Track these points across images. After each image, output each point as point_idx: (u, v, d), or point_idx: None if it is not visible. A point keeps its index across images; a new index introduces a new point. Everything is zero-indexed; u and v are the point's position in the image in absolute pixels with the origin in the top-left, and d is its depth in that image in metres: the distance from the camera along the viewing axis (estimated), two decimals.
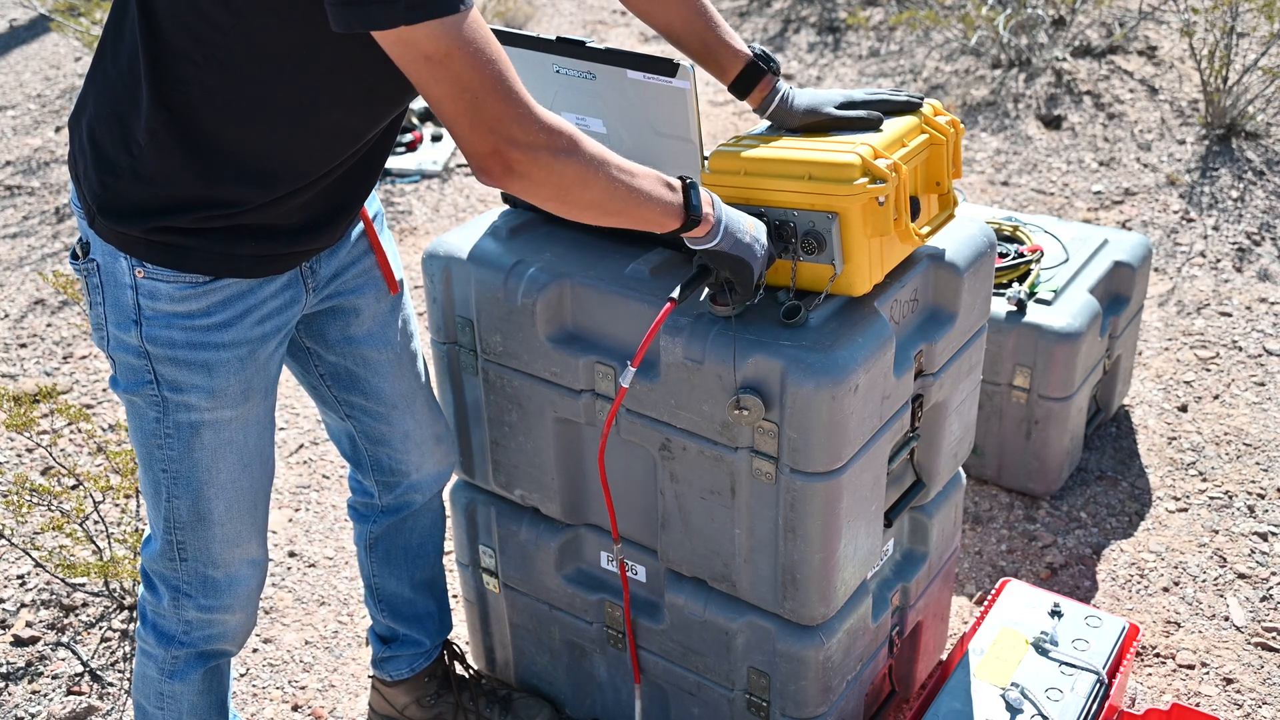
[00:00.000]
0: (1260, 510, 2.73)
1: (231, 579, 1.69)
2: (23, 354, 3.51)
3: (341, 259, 1.71)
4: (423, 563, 2.06)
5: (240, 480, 1.63)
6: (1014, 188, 4.27)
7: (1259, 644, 2.38)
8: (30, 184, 4.56)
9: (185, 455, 1.58)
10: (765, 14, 5.98)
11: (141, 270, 1.48)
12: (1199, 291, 3.58)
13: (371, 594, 2.09)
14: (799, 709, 1.82)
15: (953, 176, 1.72)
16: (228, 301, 1.52)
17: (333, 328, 1.76)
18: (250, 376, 1.58)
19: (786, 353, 1.56)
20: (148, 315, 1.50)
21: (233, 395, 1.57)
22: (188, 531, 1.63)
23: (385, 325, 1.79)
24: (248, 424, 1.61)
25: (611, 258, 1.77)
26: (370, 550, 2.04)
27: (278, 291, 1.58)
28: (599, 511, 1.94)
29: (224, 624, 1.73)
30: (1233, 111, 4.35)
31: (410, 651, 2.10)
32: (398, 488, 1.95)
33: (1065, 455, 2.77)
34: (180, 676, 1.75)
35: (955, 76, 5.13)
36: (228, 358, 1.54)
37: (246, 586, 1.71)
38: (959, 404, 1.92)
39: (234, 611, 1.72)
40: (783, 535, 1.68)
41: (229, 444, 1.60)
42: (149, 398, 1.55)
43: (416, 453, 1.91)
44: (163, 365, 1.53)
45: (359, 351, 1.79)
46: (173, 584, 1.68)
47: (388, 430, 1.87)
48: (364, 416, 1.86)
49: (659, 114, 1.62)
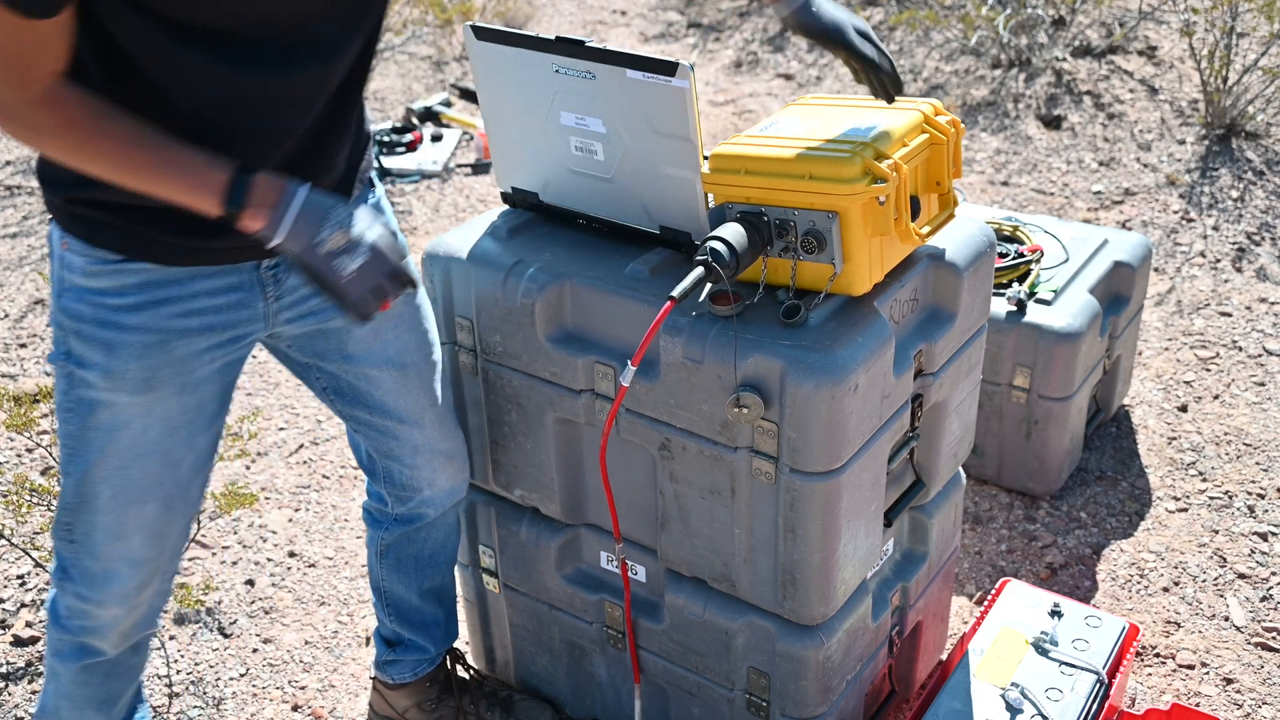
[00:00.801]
0: (1260, 510, 2.73)
1: (108, 574, 1.65)
2: (23, 354, 3.51)
3: None
4: (433, 572, 2.04)
5: (130, 470, 1.58)
6: (1014, 188, 4.27)
7: (1259, 644, 2.38)
8: (30, 184, 4.56)
9: (81, 432, 1.56)
10: (765, 14, 5.98)
11: (65, 242, 1.49)
12: (1199, 291, 3.58)
13: (379, 597, 2.08)
14: (799, 709, 1.82)
15: (953, 176, 1.72)
16: (144, 286, 1.50)
17: (327, 346, 1.73)
18: (156, 366, 1.54)
19: (786, 352, 1.56)
20: (66, 287, 1.51)
21: (131, 380, 1.53)
22: (74, 512, 1.61)
23: (386, 342, 1.75)
24: (149, 415, 1.57)
25: (611, 258, 1.77)
26: (381, 556, 2.02)
27: (217, 291, 1.55)
28: (599, 511, 1.94)
29: (97, 618, 1.69)
30: (1233, 111, 4.35)
31: (414, 657, 2.09)
32: (410, 500, 1.93)
33: (1065, 455, 2.77)
34: (61, 659, 1.73)
35: (955, 76, 5.13)
36: (130, 341, 1.51)
37: (122, 586, 1.66)
38: (959, 404, 1.92)
39: (107, 607, 1.68)
40: (782, 535, 1.68)
41: (123, 428, 1.56)
42: (60, 369, 1.55)
43: (428, 468, 1.88)
44: (72, 338, 1.52)
45: (358, 369, 1.76)
46: (62, 563, 1.67)
47: (396, 445, 1.84)
48: (370, 430, 1.83)
49: (658, 113, 1.62)
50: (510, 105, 1.76)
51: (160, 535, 1.66)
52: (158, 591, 1.73)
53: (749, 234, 1.58)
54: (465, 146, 4.88)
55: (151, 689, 2.36)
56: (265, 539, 2.77)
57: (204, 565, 2.69)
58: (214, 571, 2.67)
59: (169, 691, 2.35)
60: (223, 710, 2.32)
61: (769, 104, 5.04)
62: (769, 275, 1.66)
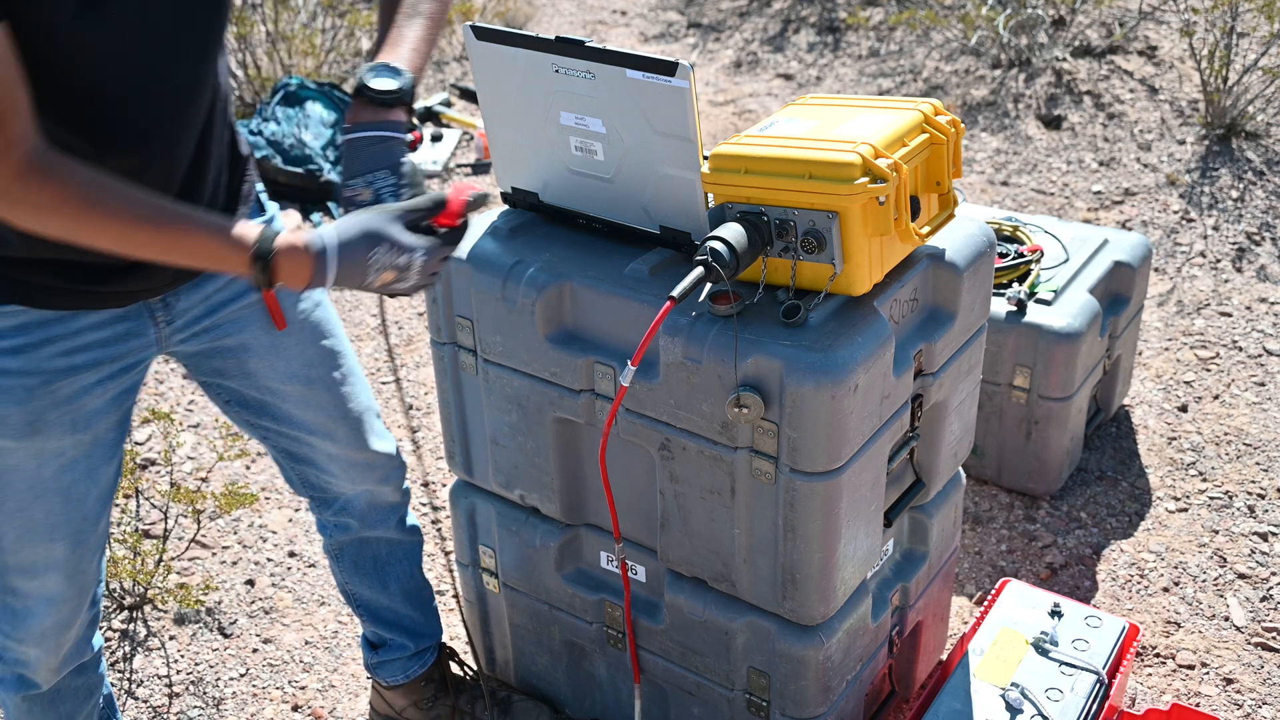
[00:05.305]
0: (1260, 510, 2.73)
1: (27, 612, 1.61)
2: None
3: (211, 294, 1.61)
4: (396, 571, 2.01)
5: (31, 511, 1.53)
6: (1014, 188, 4.27)
7: (1259, 644, 2.38)
8: None
9: None
10: (765, 14, 5.98)
11: None
12: (1199, 291, 3.58)
13: (350, 601, 2.05)
14: (799, 709, 1.82)
15: (953, 176, 1.72)
16: (23, 328, 1.43)
17: (225, 364, 1.67)
18: (41, 410, 1.46)
19: (786, 352, 1.56)
20: None
21: (14, 425, 1.45)
22: None
23: (288, 357, 1.69)
24: (41, 456, 1.49)
25: (611, 258, 1.77)
26: (338, 559, 1.99)
27: (102, 324, 1.49)
28: (599, 511, 1.94)
29: (24, 654, 1.66)
30: (1233, 111, 4.35)
31: (399, 656, 2.07)
32: (333, 504, 1.89)
33: (1065, 455, 2.77)
34: (4, 687, 1.70)
35: (955, 76, 5.13)
36: (10, 385, 1.44)
37: (41, 624, 1.62)
38: (959, 404, 1.92)
39: (28, 645, 1.64)
40: (782, 535, 1.68)
41: (14, 471, 1.49)
42: None
43: (345, 477, 1.83)
44: None
45: (261, 383, 1.70)
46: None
47: (310, 452, 1.79)
48: (280, 439, 1.78)
49: (658, 113, 1.62)
50: (510, 105, 1.76)
51: (76, 572, 1.62)
52: (84, 623, 1.69)
53: (749, 234, 1.58)
54: (465, 146, 4.88)
55: (151, 689, 2.36)
56: (265, 539, 2.77)
57: (204, 565, 2.69)
58: (214, 571, 2.67)
59: (169, 691, 2.35)
60: (223, 710, 2.32)
61: (769, 104, 5.04)
62: (769, 275, 1.66)
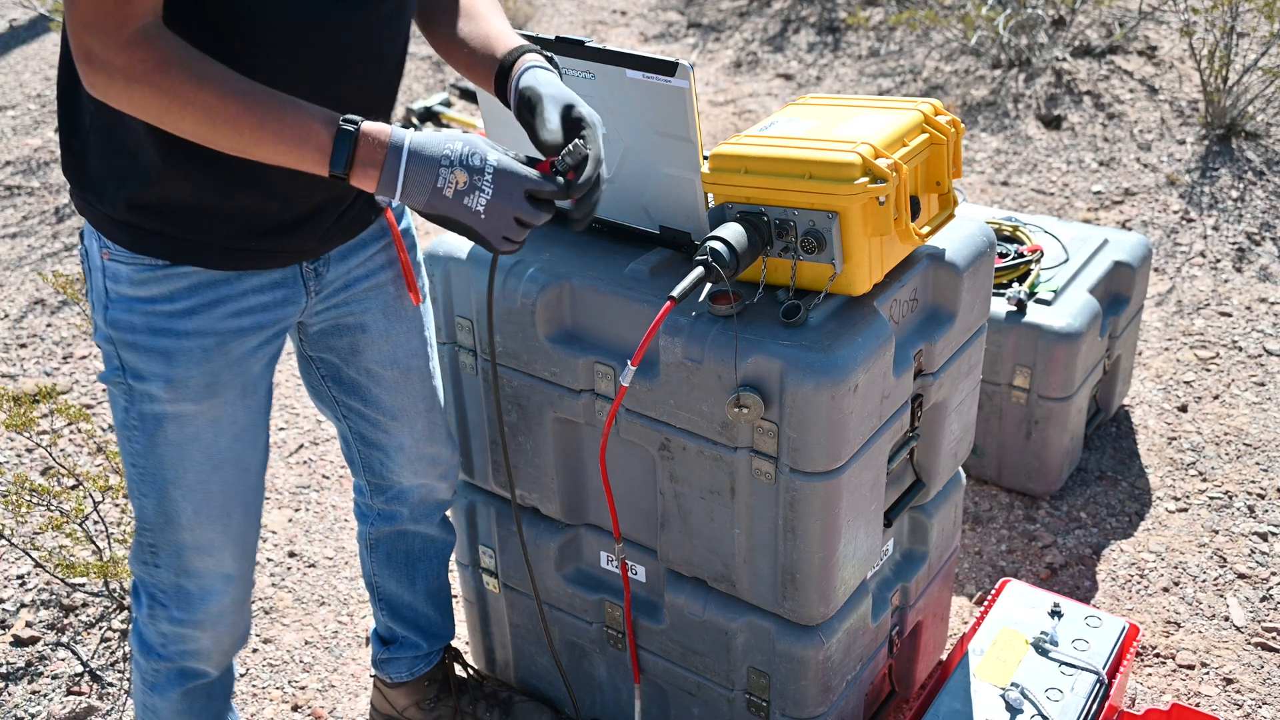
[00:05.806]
0: (1260, 510, 2.73)
1: (204, 592, 1.62)
2: (23, 354, 3.51)
3: (353, 268, 1.66)
4: (426, 569, 2.04)
5: (209, 483, 1.55)
6: (1014, 188, 4.27)
7: (1259, 644, 2.38)
8: (30, 184, 4.56)
9: (150, 449, 1.51)
10: (765, 14, 5.98)
11: (107, 251, 1.44)
12: (1199, 291, 3.58)
13: (373, 592, 2.08)
14: (799, 709, 1.82)
15: (953, 176, 1.72)
16: (195, 289, 1.46)
17: (340, 341, 1.72)
18: (217, 370, 1.50)
19: (786, 352, 1.56)
20: (112, 299, 1.46)
21: (195, 388, 1.48)
22: (157, 533, 1.57)
23: (395, 343, 1.75)
24: (218, 422, 1.53)
25: (611, 258, 1.77)
26: (371, 550, 2.02)
27: (264, 288, 1.52)
28: (598, 511, 1.94)
29: (198, 641, 1.66)
30: (1233, 111, 4.35)
31: (409, 654, 2.09)
32: (388, 492, 1.91)
33: (1065, 455, 2.77)
34: (159, 691, 1.69)
35: (955, 76, 5.13)
36: (189, 347, 1.47)
37: (219, 603, 1.64)
38: (959, 404, 1.92)
39: (206, 628, 1.65)
40: (782, 535, 1.68)
41: (194, 440, 1.52)
42: (118, 385, 1.50)
43: (409, 468, 1.87)
44: (125, 351, 1.47)
45: (363, 364, 1.75)
46: (150, 590, 1.63)
47: (383, 438, 1.83)
48: (360, 420, 1.83)
49: (658, 113, 1.62)
50: None
51: (247, 545, 1.64)
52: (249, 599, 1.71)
53: (749, 234, 1.58)
54: None
55: None
56: (265, 539, 2.77)
57: None
58: None
59: None
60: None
61: (769, 104, 5.04)
62: (769, 275, 1.66)
